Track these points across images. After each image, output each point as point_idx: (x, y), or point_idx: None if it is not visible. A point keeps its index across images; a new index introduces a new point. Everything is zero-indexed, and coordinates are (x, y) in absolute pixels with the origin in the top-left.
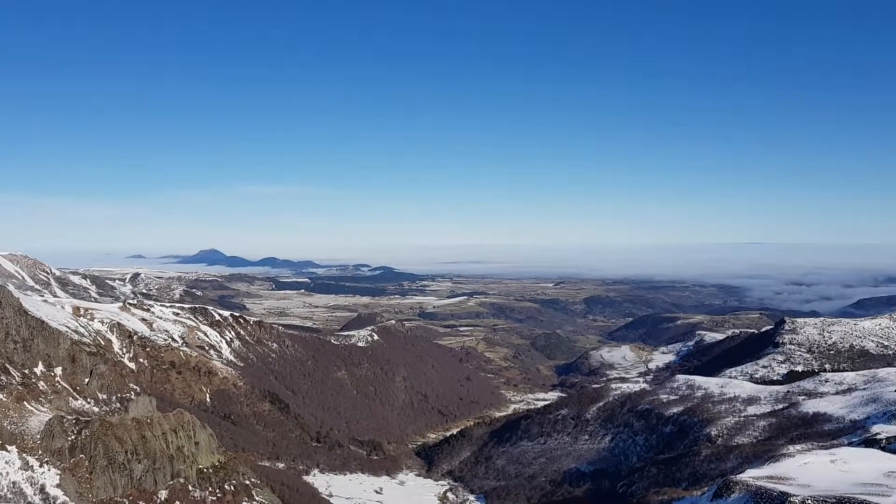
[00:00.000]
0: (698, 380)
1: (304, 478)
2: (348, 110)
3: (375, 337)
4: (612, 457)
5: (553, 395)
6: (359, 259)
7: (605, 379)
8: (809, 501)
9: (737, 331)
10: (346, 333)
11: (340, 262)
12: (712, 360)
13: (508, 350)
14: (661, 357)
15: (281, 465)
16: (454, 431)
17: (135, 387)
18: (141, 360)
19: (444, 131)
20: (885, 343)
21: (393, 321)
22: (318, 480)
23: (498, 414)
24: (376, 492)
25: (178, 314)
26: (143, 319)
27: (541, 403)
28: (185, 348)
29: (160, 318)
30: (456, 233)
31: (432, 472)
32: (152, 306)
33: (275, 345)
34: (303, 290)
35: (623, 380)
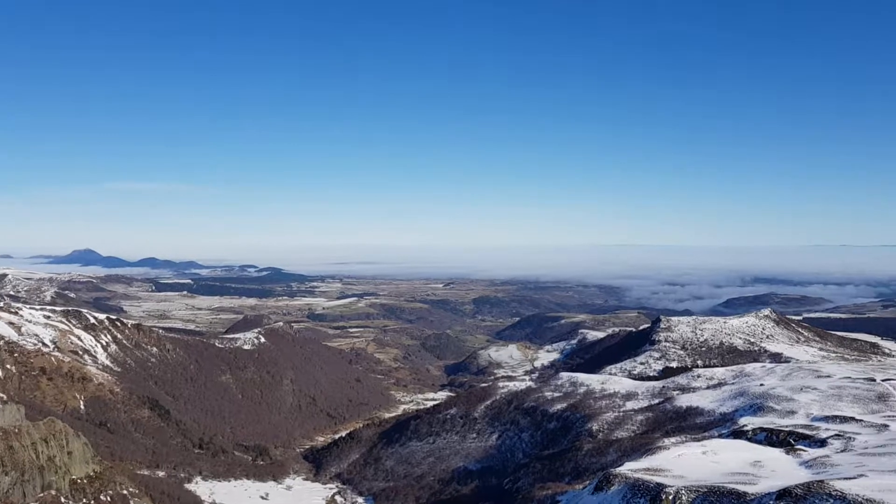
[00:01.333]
0: (581, 377)
1: (186, 486)
2: (229, 105)
3: (262, 339)
4: (499, 454)
5: (442, 395)
6: (245, 260)
7: (492, 378)
8: (683, 492)
9: (617, 329)
10: (231, 336)
11: (226, 262)
12: (594, 358)
13: (398, 351)
14: (547, 355)
15: (161, 474)
16: (343, 434)
17: (1, 395)
18: (8, 366)
19: (325, 129)
20: (752, 339)
21: (281, 323)
22: (201, 488)
23: (387, 415)
24: (262, 497)
25: (49, 317)
26: (11, 323)
27: (430, 403)
28: (57, 353)
29: (29, 321)
30: (346, 233)
31: (320, 475)
32: (21, 309)
33: (154, 349)
34: (185, 292)
35: (510, 378)
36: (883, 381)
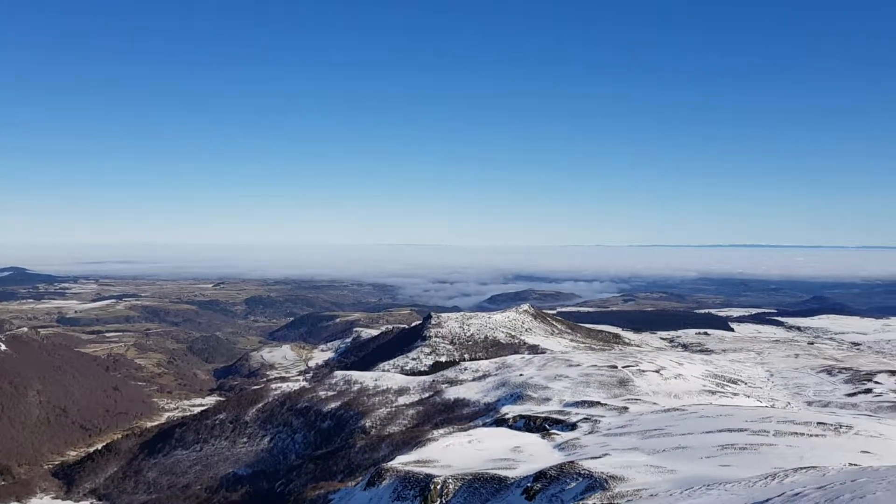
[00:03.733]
0: (355, 375)
1: None
2: None
3: (3, 347)
4: (271, 457)
5: (211, 400)
6: None
7: (265, 379)
8: (450, 480)
9: (390, 326)
10: None
11: None
12: (368, 355)
13: (163, 355)
14: (321, 355)
15: None
16: (99, 446)
17: None
18: None
19: (73, 122)
20: (513, 333)
21: (25, 329)
22: None
23: (150, 424)
24: None
25: None
26: None
27: (198, 409)
28: None
29: None
30: (100, 231)
31: (72, 492)
32: None
33: None
34: None
35: (283, 379)
36: (623, 367)
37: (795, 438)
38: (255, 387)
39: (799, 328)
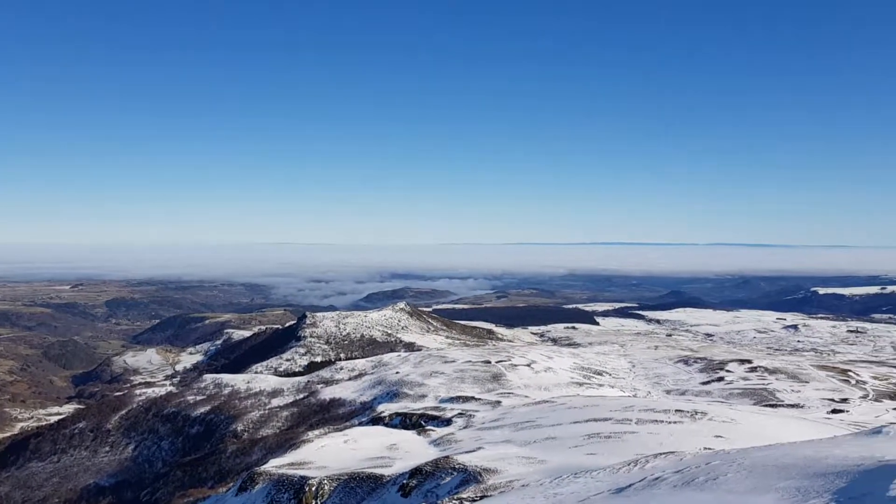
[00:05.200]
0: (226, 377)
1: None
2: None
3: None
4: (136, 466)
5: (70, 408)
6: None
7: (128, 385)
8: (325, 481)
9: (263, 327)
10: None
11: None
12: (240, 357)
13: (15, 362)
14: (190, 358)
15: None
16: None
17: None
18: None
19: None
20: (389, 331)
21: None
22: None
23: (2, 435)
24: None
25: None
26: None
27: (55, 418)
28: None
29: None
30: None
31: None
32: None
33: None
34: None
35: (149, 384)
36: (497, 362)
37: (656, 426)
38: (118, 393)
39: (658, 321)
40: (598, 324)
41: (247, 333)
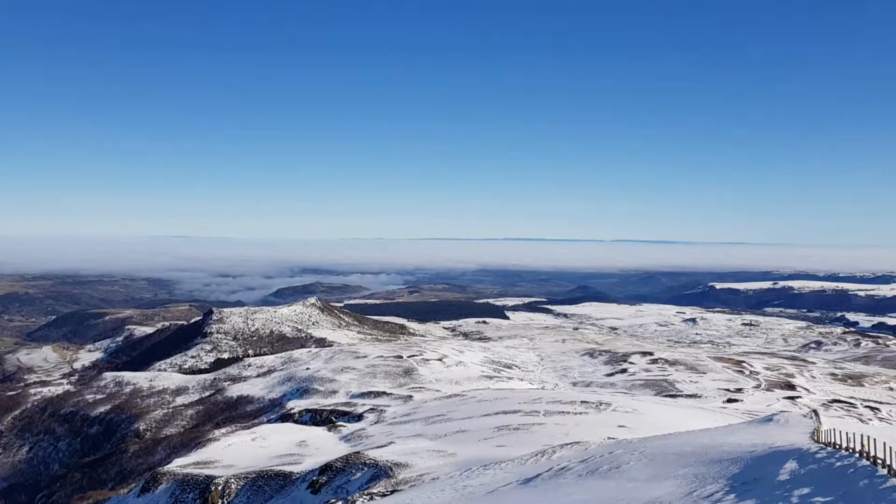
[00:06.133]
0: (127, 375)
1: None
2: None
3: None
4: (30, 468)
5: None
6: None
7: (22, 384)
8: (232, 480)
9: (167, 323)
10: None
11: None
12: (143, 354)
13: None
14: (89, 355)
15: None
16: None
17: None
18: None
19: None
20: (300, 327)
21: None
22: None
23: None
24: None
25: None
26: None
27: None
28: None
29: None
30: None
31: None
32: None
33: None
34: None
35: (45, 383)
36: (408, 357)
37: (563, 417)
38: (11, 392)
39: (566, 315)
40: (508, 318)
41: (150, 330)
